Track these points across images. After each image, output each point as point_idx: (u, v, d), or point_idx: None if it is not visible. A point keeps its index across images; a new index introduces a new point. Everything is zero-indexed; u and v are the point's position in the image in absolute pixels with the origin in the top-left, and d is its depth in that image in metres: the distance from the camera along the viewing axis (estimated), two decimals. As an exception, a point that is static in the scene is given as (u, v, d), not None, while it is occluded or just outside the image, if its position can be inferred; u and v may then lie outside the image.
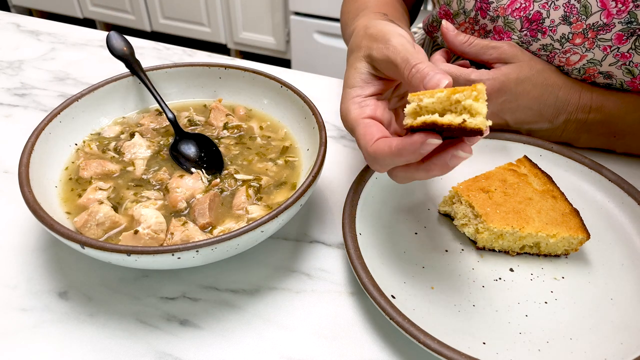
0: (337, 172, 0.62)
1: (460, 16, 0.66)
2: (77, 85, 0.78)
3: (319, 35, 2.17)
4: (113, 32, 0.64)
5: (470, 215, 0.51)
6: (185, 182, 0.52)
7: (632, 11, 0.54)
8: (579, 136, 0.63)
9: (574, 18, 0.57)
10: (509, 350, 0.43)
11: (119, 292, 0.48)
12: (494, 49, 0.59)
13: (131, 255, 0.40)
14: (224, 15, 2.37)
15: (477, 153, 0.62)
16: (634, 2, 0.54)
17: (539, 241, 0.50)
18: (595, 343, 0.44)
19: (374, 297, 0.43)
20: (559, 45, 0.60)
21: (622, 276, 0.49)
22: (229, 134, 0.60)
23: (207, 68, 0.63)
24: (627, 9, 0.54)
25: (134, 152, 0.56)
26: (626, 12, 0.55)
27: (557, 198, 0.53)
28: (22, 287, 0.49)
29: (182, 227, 0.47)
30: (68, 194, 0.52)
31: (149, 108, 0.63)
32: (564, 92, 0.60)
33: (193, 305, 0.47)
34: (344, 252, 0.53)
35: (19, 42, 0.89)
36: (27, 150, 0.49)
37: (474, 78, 0.57)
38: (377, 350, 0.44)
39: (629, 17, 0.55)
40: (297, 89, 0.58)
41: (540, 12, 0.59)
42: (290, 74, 0.81)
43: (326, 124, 0.67)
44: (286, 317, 0.47)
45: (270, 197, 0.52)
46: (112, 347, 0.44)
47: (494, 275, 0.49)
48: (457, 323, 0.45)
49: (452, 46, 0.61)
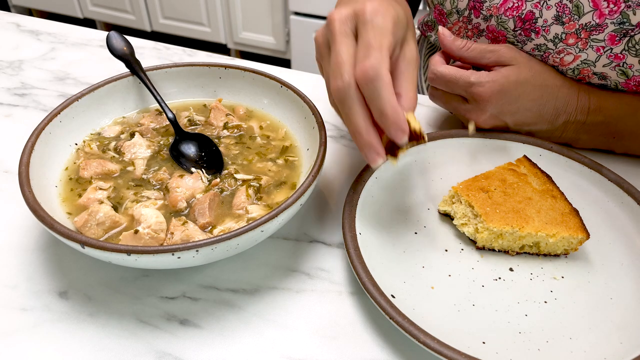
0: (337, 172, 0.62)
1: (454, 15, 0.66)
2: (77, 85, 0.78)
3: (319, 35, 2.17)
4: (113, 32, 0.64)
5: (470, 215, 0.52)
6: (185, 182, 0.52)
7: (624, 12, 0.54)
8: (578, 137, 0.63)
9: (567, 18, 0.57)
10: (509, 350, 0.43)
11: (119, 291, 0.48)
12: (492, 52, 0.59)
13: (131, 255, 0.40)
14: (223, 15, 2.37)
15: (477, 153, 0.62)
16: (625, 2, 0.54)
17: (538, 241, 0.50)
18: (595, 342, 0.44)
19: (374, 296, 0.43)
20: (552, 46, 0.59)
21: (622, 276, 0.49)
22: (229, 134, 0.60)
23: (207, 68, 0.63)
24: (619, 9, 0.54)
25: (134, 152, 0.56)
26: (618, 13, 0.54)
27: (557, 198, 0.53)
28: (22, 286, 0.49)
29: (182, 226, 0.47)
30: (68, 193, 0.52)
31: (149, 108, 0.64)
32: (563, 93, 0.60)
33: (193, 304, 0.47)
34: (344, 252, 0.53)
35: (19, 42, 0.89)
36: (27, 150, 0.49)
37: (474, 80, 0.57)
38: (377, 350, 0.44)
39: (621, 18, 0.55)
40: (297, 88, 0.59)
41: (532, 11, 0.59)
42: (290, 74, 0.81)
43: (326, 123, 0.67)
44: (286, 317, 0.47)
45: (270, 197, 0.52)
46: (112, 347, 0.44)
47: (493, 275, 0.49)
48: (457, 323, 0.45)
49: (449, 51, 0.60)
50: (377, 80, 0.41)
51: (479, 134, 0.62)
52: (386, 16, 0.43)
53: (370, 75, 0.41)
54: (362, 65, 0.41)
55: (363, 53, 0.42)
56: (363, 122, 0.43)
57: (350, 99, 0.42)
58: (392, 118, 0.41)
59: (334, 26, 0.44)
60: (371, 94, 0.42)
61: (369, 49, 0.42)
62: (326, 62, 0.46)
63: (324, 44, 0.47)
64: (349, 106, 0.43)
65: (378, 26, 0.43)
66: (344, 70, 0.42)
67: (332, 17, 0.45)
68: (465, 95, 0.59)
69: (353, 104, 0.43)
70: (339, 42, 0.43)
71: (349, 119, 0.44)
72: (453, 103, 0.62)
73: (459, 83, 0.58)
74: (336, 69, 0.43)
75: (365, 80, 0.41)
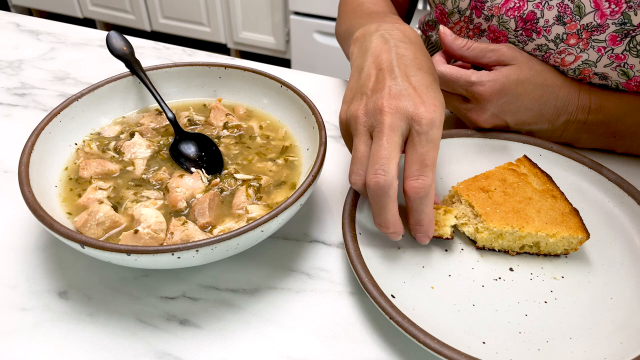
0: (337, 172, 0.62)
1: (455, 15, 0.66)
2: (77, 85, 0.78)
3: (319, 35, 2.17)
4: (113, 31, 0.64)
5: (470, 215, 0.52)
6: (185, 182, 0.52)
7: (626, 12, 0.54)
8: (579, 137, 0.63)
9: (568, 18, 0.57)
10: (509, 350, 0.43)
11: (118, 291, 0.48)
12: (493, 51, 0.59)
13: (131, 255, 0.40)
14: (223, 15, 2.37)
15: (477, 153, 0.62)
16: (627, 2, 0.54)
17: (538, 241, 0.50)
18: (595, 342, 0.44)
19: (374, 296, 0.43)
20: (553, 46, 0.59)
21: (622, 276, 0.49)
22: (228, 134, 0.60)
23: (207, 68, 0.63)
24: (620, 10, 0.54)
25: (134, 151, 0.56)
26: (620, 13, 0.54)
27: (557, 198, 0.53)
28: (21, 286, 0.49)
29: (182, 226, 0.47)
30: (68, 193, 0.52)
31: (148, 107, 0.64)
32: (563, 93, 0.60)
33: (193, 304, 0.47)
34: (344, 252, 0.53)
35: (18, 42, 0.89)
36: (27, 149, 0.49)
37: (475, 80, 0.57)
38: (377, 350, 0.44)
39: (622, 18, 0.55)
40: (297, 88, 0.58)
41: (534, 12, 0.59)
42: (290, 73, 0.81)
43: (326, 123, 0.67)
44: (286, 317, 0.47)
45: (270, 197, 0.52)
46: (111, 347, 0.44)
47: (493, 275, 0.49)
48: (457, 322, 0.45)
49: (450, 51, 0.60)
50: (426, 198, 0.44)
51: (479, 133, 0.62)
52: (440, 127, 0.44)
53: (421, 194, 0.44)
54: (417, 183, 0.44)
55: (418, 169, 0.44)
56: (392, 218, 0.45)
57: (387, 197, 0.44)
58: (426, 228, 0.46)
59: (385, 118, 0.44)
60: (417, 207, 0.45)
61: (424, 168, 0.44)
62: (360, 140, 0.46)
63: (364, 123, 0.46)
64: (383, 202, 0.44)
65: (433, 141, 0.44)
66: (388, 167, 0.43)
67: (383, 105, 0.44)
68: (466, 95, 0.59)
69: (388, 201, 0.44)
70: (386, 136, 0.44)
71: (379, 212, 0.45)
72: (454, 102, 0.62)
73: (459, 82, 0.58)
74: (379, 162, 0.43)
75: (416, 196, 0.44)
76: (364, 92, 0.47)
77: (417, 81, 0.46)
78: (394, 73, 0.46)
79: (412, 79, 0.46)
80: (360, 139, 0.46)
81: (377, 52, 0.49)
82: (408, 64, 0.47)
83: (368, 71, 0.48)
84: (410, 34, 0.52)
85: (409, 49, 0.49)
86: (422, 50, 0.50)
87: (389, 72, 0.47)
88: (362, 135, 0.46)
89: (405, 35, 0.51)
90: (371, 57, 0.49)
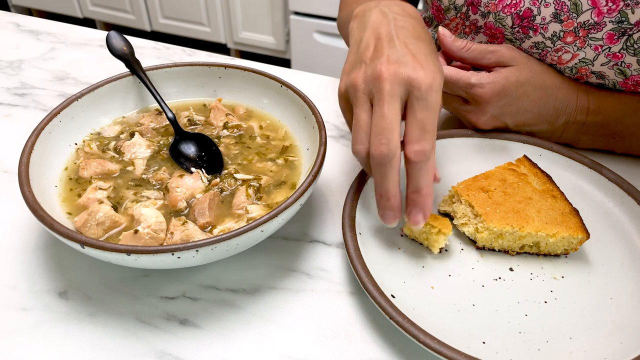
0: (337, 172, 0.62)
1: (451, 12, 0.66)
2: (77, 85, 0.78)
3: (319, 35, 2.17)
4: (113, 31, 0.64)
5: (470, 215, 0.52)
6: (185, 182, 0.52)
7: (623, 10, 0.54)
8: (579, 138, 0.63)
9: (565, 16, 0.57)
10: (509, 350, 0.43)
11: (118, 291, 0.48)
12: (492, 53, 0.58)
13: (131, 255, 0.40)
14: (223, 15, 2.37)
15: (477, 152, 0.62)
16: (624, 0, 0.54)
17: (538, 241, 0.50)
18: (595, 342, 0.44)
19: (374, 296, 0.43)
20: (550, 44, 0.59)
21: (622, 276, 0.49)
22: (228, 134, 0.60)
23: (207, 68, 0.63)
24: (617, 8, 0.54)
25: (134, 151, 0.56)
26: (617, 11, 0.54)
27: (557, 197, 0.53)
28: (22, 286, 0.49)
29: (182, 226, 0.47)
30: (68, 193, 0.52)
31: (148, 107, 0.64)
32: (562, 93, 0.60)
33: (193, 304, 0.47)
34: (344, 252, 0.53)
35: (18, 42, 0.89)
36: (27, 149, 0.49)
37: (474, 82, 0.57)
38: (377, 350, 0.44)
39: (619, 17, 0.54)
40: (297, 88, 0.58)
41: (531, 9, 0.58)
42: (290, 73, 0.81)
43: (326, 123, 0.67)
44: (286, 317, 0.47)
45: (270, 197, 0.52)
46: (112, 347, 0.44)
47: (493, 275, 0.49)
48: (456, 322, 0.45)
49: (449, 52, 0.60)
50: (426, 162, 0.43)
51: (479, 133, 0.62)
52: (439, 92, 0.44)
53: (422, 158, 0.43)
54: (417, 146, 0.43)
55: (418, 134, 0.43)
56: (394, 189, 0.44)
57: (389, 167, 0.43)
58: (424, 199, 0.44)
59: (384, 85, 0.43)
60: (417, 173, 0.44)
61: (425, 132, 0.43)
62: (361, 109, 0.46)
63: (363, 91, 0.45)
64: (385, 172, 0.44)
65: (432, 106, 0.43)
66: (391, 137, 0.43)
67: (381, 71, 0.44)
68: (466, 97, 0.59)
69: (391, 171, 0.44)
70: (387, 104, 0.43)
71: (381, 182, 0.44)
72: (453, 104, 0.62)
73: (459, 84, 0.58)
74: (382, 132, 0.43)
75: (416, 160, 0.43)
76: (362, 60, 0.47)
77: (416, 49, 0.46)
78: (393, 42, 0.46)
79: (411, 47, 0.46)
80: (361, 107, 0.45)
81: (376, 25, 0.49)
82: (407, 34, 0.47)
83: (367, 42, 0.48)
84: (410, 9, 0.52)
85: (407, 22, 0.49)
86: (420, 23, 0.50)
87: (388, 41, 0.46)
88: (363, 103, 0.45)
89: (404, 10, 0.51)
90: (370, 29, 0.49)
